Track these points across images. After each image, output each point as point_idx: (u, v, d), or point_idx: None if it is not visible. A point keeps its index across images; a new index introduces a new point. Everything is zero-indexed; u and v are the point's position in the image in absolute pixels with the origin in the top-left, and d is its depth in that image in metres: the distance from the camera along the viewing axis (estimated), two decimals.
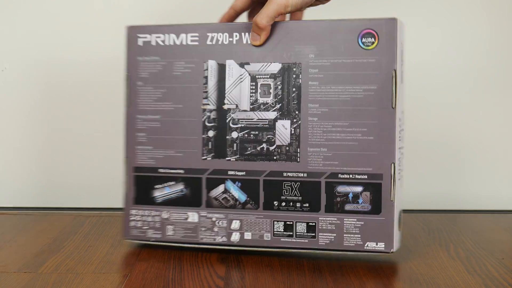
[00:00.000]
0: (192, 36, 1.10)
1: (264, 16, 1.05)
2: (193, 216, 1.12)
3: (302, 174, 1.07)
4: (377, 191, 1.05)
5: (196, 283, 0.95)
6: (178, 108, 1.11)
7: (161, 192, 1.13)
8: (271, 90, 1.08)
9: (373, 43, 1.04)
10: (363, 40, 1.04)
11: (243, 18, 1.17)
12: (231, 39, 1.09)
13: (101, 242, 1.13)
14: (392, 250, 1.05)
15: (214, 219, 1.11)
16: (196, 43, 1.10)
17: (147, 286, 0.93)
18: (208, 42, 1.09)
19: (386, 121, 1.04)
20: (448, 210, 1.40)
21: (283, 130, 1.08)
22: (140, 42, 1.13)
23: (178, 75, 1.11)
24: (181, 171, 1.12)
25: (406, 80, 1.19)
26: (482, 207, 1.40)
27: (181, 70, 1.11)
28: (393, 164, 1.04)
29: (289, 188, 1.08)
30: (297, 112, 1.07)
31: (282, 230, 1.09)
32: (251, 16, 1.18)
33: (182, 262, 1.05)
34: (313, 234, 1.07)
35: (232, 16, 1.14)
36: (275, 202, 1.09)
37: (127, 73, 1.14)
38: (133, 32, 1.13)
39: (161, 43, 1.12)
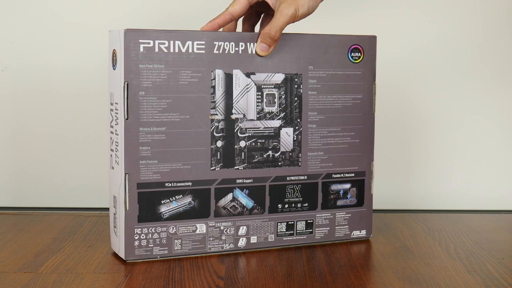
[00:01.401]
0: (198, 44, 0.94)
1: (278, 28, 0.99)
2: (201, 227, 0.97)
3: (303, 177, 1.01)
4: (361, 186, 1.04)
5: (196, 283, 0.87)
6: (185, 119, 0.94)
7: (168, 207, 0.95)
8: (276, 100, 0.99)
9: (359, 57, 1.04)
10: (352, 54, 1.04)
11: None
12: (237, 48, 0.96)
13: (101, 242, 1.03)
14: (371, 235, 1.09)
15: (222, 227, 0.97)
16: (203, 51, 0.94)
17: (147, 286, 0.86)
18: (215, 51, 0.95)
19: (368, 126, 1.04)
20: (448, 210, 1.31)
21: (287, 137, 1.00)
22: (141, 48, 0.91)
23: (184, 84, 0.94)
24: (189, 184, 0.95)
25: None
26: (482, 207, 1.30)
27: (188, 79, 0.94)
28: (372, 162, 1.07)
29: (291, 191, 1.01)
30: (298, 120, 1.00)
31: (285, 230, 1.01)
32: (245, 23, 1.04)
33: (182, 262, 0.94)
34: (311, 230, 1.02)
35: (226, 21, 0.99)
36: (279, 205, 1.00)
37: (126, 81, 0.92)
38: (133, 36, 0.91)
39: (165, 50, 0.92)
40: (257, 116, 0.99)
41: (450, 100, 1.33)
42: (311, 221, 1.03)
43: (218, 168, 0.97)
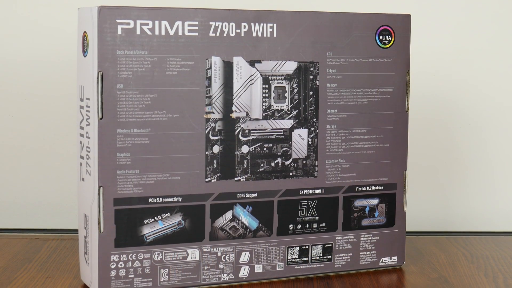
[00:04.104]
0: (190, 25, 0.93)
1: None
2: (193, 253, 0.95)
3: (319, 190, 1.00)
4: (391, 202, 1.03)
5: None
6: (174, 119, 0.93)
7: (152, 228, 0.93)
8: (287, 94, 0.98)
9: (390, 41, 1.02)
10: (381, 37, 1.01)
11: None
12: (238, 30, 0.94)
13: (63, 273, 1.01)
14: (404, 262, 1.05)
15: (219, 254, 0.96)
16: (196, 34, 0.93)
17: None
18: (211, 34, 0.93)
19: (400, 126, 1.02)
20: (496, 232, 1.29)
21: (300, 140, 0.98)
22: (119, 30, 0.90)
23: (172, 75, 0.93)
24: (178, 199, 0.94)
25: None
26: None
27: (177, 69, 0.93)
28: (405, 172, 1.05)
29: (305, 208, 0.99)
30: (314, 120, 0.99)
31: (297, 257, 1.00)
32: None
33: None
34: (329, 256, 1.01)
35: None
36: (290, 226, 0.99)
37: (100, 71, 0.90)
38: (108, 15, 0.89)
39: (148, 32, 0.91)
40: (264, 114, 0.98)
41: (501, 94, 1.33)
42: (330, 245, 1.03)
43: (215, 180, 0.96)
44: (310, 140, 0.99)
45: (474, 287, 0.99)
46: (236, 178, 0.97)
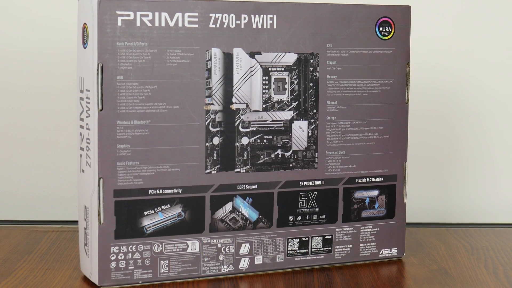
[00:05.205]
0: (190, 17, 0.93)
1: None
2: (193, 245, 0.96)
3: (319, 182, 1.00)
4: (391, 194, 1.03)
5: None
6: (174, 110, 0.93)
7: (152, 220, 0.93)
8: (287, 86, 0.98)
9: (390, 32, 1.02)
10: (381, 29, 1.02)
11: None
12: (238, 22, 0.95)
13: (62, 264, 1.02)
14: (404, 254, 1.06)
15: (219, 245, 0.97)
16: (196, 25, 0.93)
17: None
18: (211, 25, 0.94)
19: (400, 118, 1.03)
20: (496, 223, 1.29)
21: (300, 132, 0.99)
22: (119, 21, 0.90)
23: (172, 67, 0.93)
24: (178, 191, 0.95)
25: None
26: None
27: (177, 60, 0.93)
28: (405, 164, 1.05)
29: (305, 199, 1.00)
30: (314, 111, 0.99)
31: (297, 248, 1.00)
32: None
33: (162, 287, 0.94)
34: (329, 248, 1.01)
35: None
36: (290, 217, 0.99)
37: (100, 62, 0.90)
38: (108, 6, 0.89)
39: (148, 23, 0.91)
40: (264, 106, 0.98)
41: (501, 86, 1.33)
42: (330, 237, 1.03)
43: (215, 171, 0.97)
44: (310, 131, 0.99)
45: (474, 278, 0.99)
46: (236, 170, 0.97)
